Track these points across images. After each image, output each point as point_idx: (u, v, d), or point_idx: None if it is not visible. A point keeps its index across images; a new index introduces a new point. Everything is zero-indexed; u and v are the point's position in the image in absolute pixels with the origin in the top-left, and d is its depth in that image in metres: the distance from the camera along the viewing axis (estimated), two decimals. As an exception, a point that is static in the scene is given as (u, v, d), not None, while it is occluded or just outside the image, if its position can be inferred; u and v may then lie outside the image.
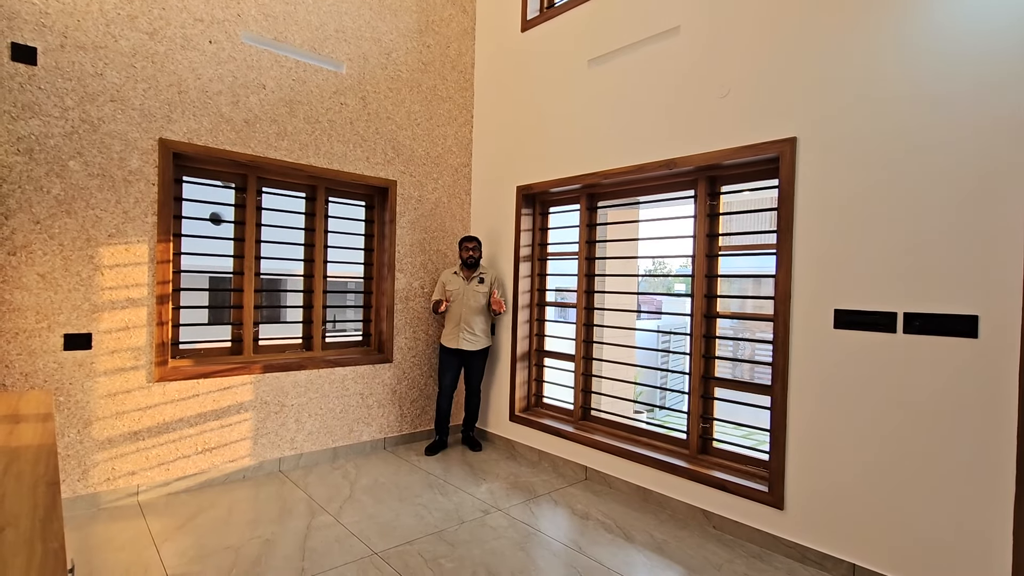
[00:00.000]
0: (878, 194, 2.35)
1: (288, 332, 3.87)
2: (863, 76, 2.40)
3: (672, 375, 7.09)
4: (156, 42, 3.04)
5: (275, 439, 3.53)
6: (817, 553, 2.49)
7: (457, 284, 4.00)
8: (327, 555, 2.51)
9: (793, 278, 2.61)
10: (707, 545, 2.70)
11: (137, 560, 2.42)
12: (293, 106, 3.56)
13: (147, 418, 3.06)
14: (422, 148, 4.23)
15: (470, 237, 4.03)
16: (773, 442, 2.66)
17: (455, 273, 4.04)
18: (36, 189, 2.72)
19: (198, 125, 3.19)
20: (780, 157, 2.65)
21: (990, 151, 2.08)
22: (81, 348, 2.85)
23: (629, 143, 3.34)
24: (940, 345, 2.18)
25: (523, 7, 4.12)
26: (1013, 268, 2.02)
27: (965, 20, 2.14)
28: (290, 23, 3.53)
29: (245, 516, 2.89)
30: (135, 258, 3.00)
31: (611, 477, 3.39)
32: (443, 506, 3.08)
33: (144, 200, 3.02)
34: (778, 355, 2.65)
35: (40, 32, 2.71)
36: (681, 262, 4.22)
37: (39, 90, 2.71)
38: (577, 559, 2.55)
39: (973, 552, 2.09)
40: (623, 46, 3.38)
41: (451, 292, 3.99)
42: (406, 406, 4.18)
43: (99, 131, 2.88)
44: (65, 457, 2.83)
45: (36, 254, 2.73)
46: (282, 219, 3.69)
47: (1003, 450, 2.03)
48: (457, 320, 3.97)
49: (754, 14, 2.78)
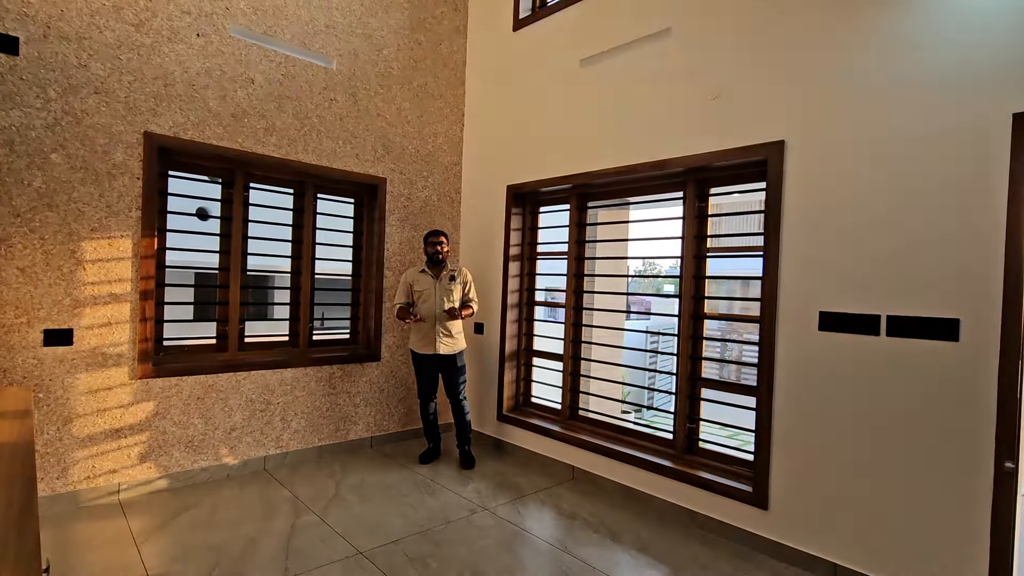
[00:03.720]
0: (864, 198, 2.38)
1: (275, 329, 3.83)
2: (850, 81, 2.43)
3: (659, 376, 7.13)
4: (142, 34, 2.99)
5: (260, 437, 3.50)
6: (800, 553, 2.52)
7: (426, 283, 3.68)
8: (312, 554, 2.49)
9: (779, 280, 2.63)
10: (692, 545, 2.72)
11: (117, 559, 2.39)
12: (282, 101, 3.52)
13: (129, 415, 3.02)
14: (412, 146, 4.21)
15: (437, 231, 3.73)
16: (758, 442, 2.68)
17: (422, 272, 3.71)
18: (16, 182, 2.67)
19: (184, 119, 3.14)
20: (768, 160, 2.67)
21: (973, 156, 2.11)
22: (62, 344, 2.80)
23: (619, 143, 3.35)
24: (922, 348, 2.21)
25: (515, 6, 4.12)
26: (994, 273, 2.05)
27: (951, 26, 2.17)
28: (280, 17, 3.50)
29: (229, 515, 2.86)
30: (118, 253, 2.95)
31: (598, 477, 3.40)
32: (429, 505, 3.07)
33: (128, 194, 2.97)
34: (764, 356, 2.67)
35: (22, 21, 2.66)
36: (670, 263, 4.25)
37: (21, 81, 2.66)
38: (563, 559, 2.55)
39: (952, 552, 2.13)
40: (615, 47, 3.39)
41: (420, 293, 3.68)
42: (393, 404, 4.16)
43: (82, 123, 2.83)
44: (44, 455, 2.78)
45: (16, 248, 2.68)
46: (270, 215, 3.65)
47: (982, 452, 2.07)
48: (432, 322, 3.64)
49: (745, 18, 2.80)
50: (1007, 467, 2.00)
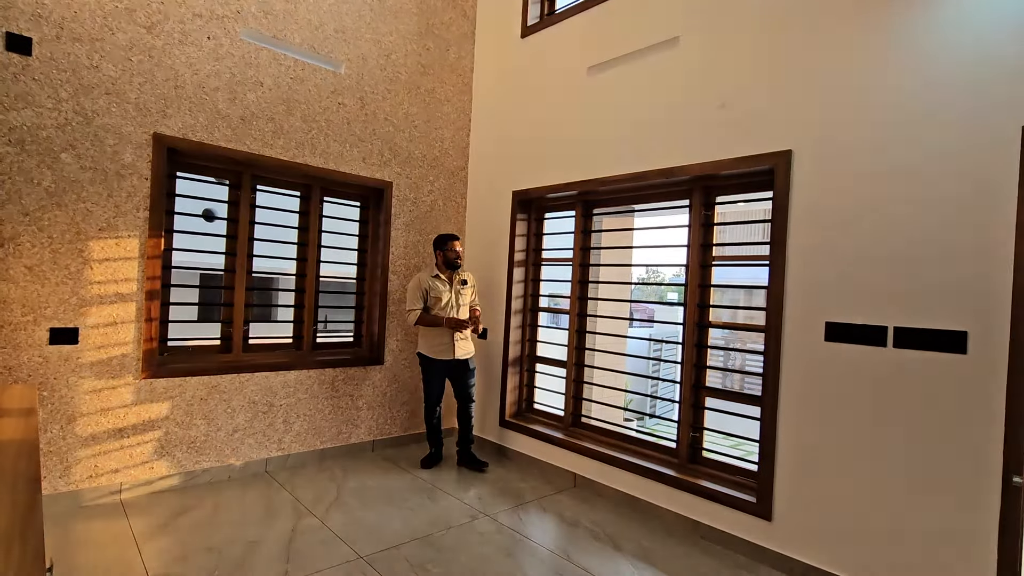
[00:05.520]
0: (870, 208, 2.37)
1: (279, 332, 3.83)
2: (858, 91, 2.42)
3: (663, 384, 7.10)
4: (154, 36, 3.02)
5: (262, 439, 3.50)
6: (804, 565, 2.49)
7: (442, 289, 3.65)
8: (312, 558, 2.48)
9: (786, 290, 2.62)
10: (695, 555, 2.69)
11: (118, 559, 2.38)
12: (290, 105, 3.54)
13: (132, 415, 3.02)
14: (419, 150, 4.22)
15: (455, 235, 3.73)
16: (762, 453, 2.67)
17: (435, 277, 3.67)
18: (26, 180, 2.68)
19: (194, 121, 3.16)
20: (775, 169, 2.67)
21: (981, 168, 2.10)
22: (67, 343, 2.81)
23: (626, 151, 3.35)
24: (929, 360, 2.20)
25: (524, 13, 4.14)
26: (1002, 285, 2.04)
27: (961, 38, 2.17)
28: (290, 21, 3.52)
29: (230, 517, 2.85)
30: (125, 253, 2.96)
31: (600, 485, 3.38)
32: (431, 510, 3.05)
33: (136, 195, 2.99)
34: (769, 366, 2.66)
35: (36, 22, 2.69)
36: (674, 271, 4.23)
37: (33, 81, 2.68)
38: (565, 567, 2.54)
39: (959, 566, 2.10)
40: (622, 55, 3.40)
41: (436, 299, 3.64)
42: (396, 409, 4.16)
43: (93, 124, 2.85)
44: (47, 453, 2.78)
45: (24, 246, 2.69)
46: (276, 218, 3.67)
47: (990, 465, 2.05)
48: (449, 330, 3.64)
49: (753, 27, 2.81)
50: (1015, 482, 1.98)
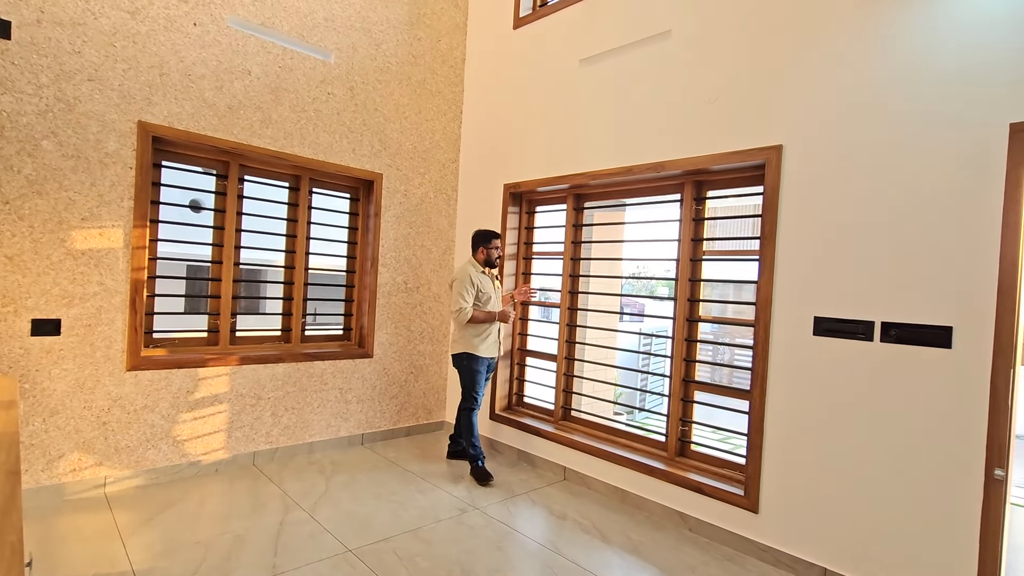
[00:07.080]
0: (860, 204, 2.38)
1: (267, 324, 3.79)
2: (849, 87, 2.43)
3: (652, 377, 7.15)
4: (138, 22, 2.95)
5: (250, 432, 3.47)
6: (790, 557, 2.52)
7: (490, 286, 3.61)
8: (300, 551, 2.46)
9: (775, 284, 2.63)
10: (683, 547, 2.72)
11: (102, 554, 2.35)
12: (279, 94, 3.49)
13: (117, 408, 2.98)
14: (410, 142, 4.19)
15: (498, 233, 3.65)
16: (750, 446, 2.69)
17: (482, 273, 3.60)
18: (5, 168, 2.62)
19: (179, 109, 3.11)
20: (766, 164, 2.67)
21: (970, 165, 2.12)
22: (49, 334, 2.75)
23: (618, 145, 3.34)
24: (916, 355, 2.22)
25: (516, 4, 4.10)
26: (988, 281, 2.06)
27: (951, 35, 2.18)
28: (278, 9, 3.46)
29: (216, 510, 2.82)
30: (109, 243, 2.91)
31: (589, 478, 3.40)
32: (420, 503, 3.05)
33: (120, 184, 2.93)
34: (758, 360, 2.68)
35: (15, 5, 2.61)
36: (665, 265, 4.25)
37: (12, 65, 2.62)
38: (553, 559, 2.54)
39: (941, 558, 2.13)
40: (615, 47, 3.38)
41: (487, 296, 3.57)
42: (385, 402, 4.14)
43: (75, 111, 2.78)
44: (29, 446, 2.73)
45: (4, 235, 2.63)
46: (264, 208, 3.62)
47: (973, 459, 2.08)
48: (496, 325, 3.62)
49: (745, 22, 2.80)
50: (997, 474, 2.02)
